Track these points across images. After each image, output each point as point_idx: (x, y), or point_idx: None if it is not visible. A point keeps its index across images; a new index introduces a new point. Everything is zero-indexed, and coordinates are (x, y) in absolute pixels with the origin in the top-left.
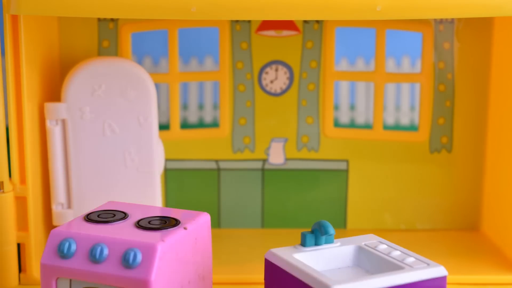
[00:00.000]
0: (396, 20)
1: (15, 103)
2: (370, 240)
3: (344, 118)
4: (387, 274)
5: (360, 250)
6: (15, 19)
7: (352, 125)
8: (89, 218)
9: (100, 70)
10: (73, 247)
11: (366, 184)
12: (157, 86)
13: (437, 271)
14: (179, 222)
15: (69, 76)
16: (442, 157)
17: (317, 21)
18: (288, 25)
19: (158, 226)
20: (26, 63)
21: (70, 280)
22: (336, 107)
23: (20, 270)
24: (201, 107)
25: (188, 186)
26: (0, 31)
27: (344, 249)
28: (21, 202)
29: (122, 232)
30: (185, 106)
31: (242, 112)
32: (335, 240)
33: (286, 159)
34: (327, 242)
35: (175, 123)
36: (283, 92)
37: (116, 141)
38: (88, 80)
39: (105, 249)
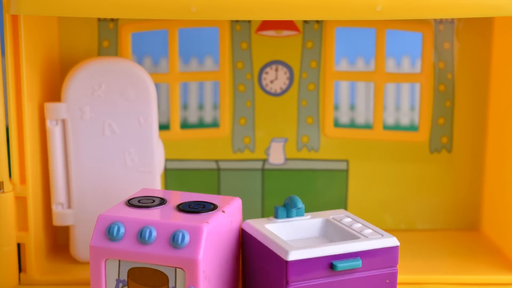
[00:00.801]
0: (396, 20)
1: (15, 103)
2: (338, 214)
3: (344, 118)
4: (342, 243)
5: (327, 223)
6: (15, 19)
7: (352, 125)
8: (131, 203)
9: (100, 70)
10: (122, 230)
11: (366, 184)
12: (157, 86)
13: (389, 241)
14: (217, 206)
15: (69, 76)
16: (442, 157)
17: (317, 21)
18: (288, 25)
19: (199, 210)
20: (26, 63)
21: (119, 261)
22: (336, 107)
23: (20, 270)
24: (201, 107)
25: (188, 186)
26: (0, 31)
27: (312, 222)
28: (21, 202)
29: (168, 216)
30: (185, 106)
31: (242, 112)
32: (306, 214)
33: (286, 159)
34: (298, 215)
35: (175, 123)
36: (283, 92)
37: (116, 141)
38: (88, 80)
39: (153, 231)
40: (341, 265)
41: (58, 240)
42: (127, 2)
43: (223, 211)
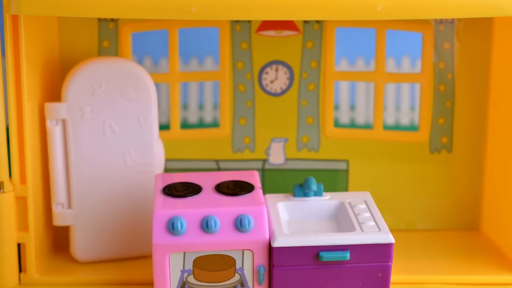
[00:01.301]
0: (396, 20)
1: (15, 103)
2: (357, 198)
3: (344, 118)
4: (330, 234)
5: (341, 206)
6: (15, 19)
7: (352, 125)
8: (169, 192)
9: (100, 70)
10: (184, 223)
11: (366, 184)
12: (157, 86)
13: (382, 238)
14: (253, 185)
15: (69, 76)
16: (442, 157)
17: (317, 21)
18: (288, 25)
19: (244, 191)
20: (26, 63)
21: (184, 253)
22: (336, 107)
23: (20, 270)
24: (201, 107)
25: None
26: (0, 31)
27: (328, 203)
28: (21, 202)
29: (221, 202)
30: (185, 106)
31: (242, 112)
32: (325, 194)
33: (286, 159)
34: (316, 195)
35: (175, 123)
36: (283, 92)
37: (116, 141)
38: (88, 80)
39: (217, 220)
40: (327, 255)
41: (58, 240)
42: (127, 2)
43: (260, 188)
